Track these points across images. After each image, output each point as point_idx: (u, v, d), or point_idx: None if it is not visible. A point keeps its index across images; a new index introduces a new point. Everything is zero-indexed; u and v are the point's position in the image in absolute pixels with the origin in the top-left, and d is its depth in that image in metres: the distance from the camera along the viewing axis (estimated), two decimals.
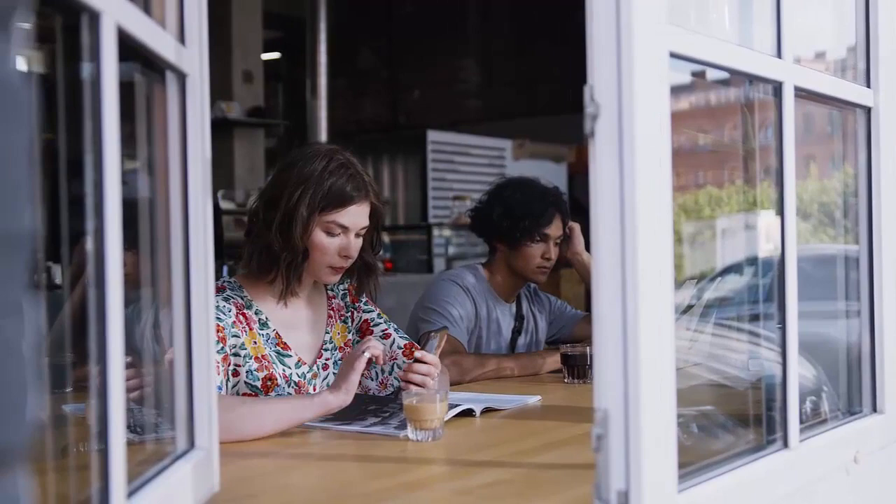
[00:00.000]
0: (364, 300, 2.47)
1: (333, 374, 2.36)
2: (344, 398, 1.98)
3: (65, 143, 1.13)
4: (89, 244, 1.03)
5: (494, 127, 9.01)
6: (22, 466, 0.60)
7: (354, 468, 1.77)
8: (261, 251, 2.25)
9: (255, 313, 2.27)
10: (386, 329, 2.45)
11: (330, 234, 2.24)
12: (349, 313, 2.46)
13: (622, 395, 1.19)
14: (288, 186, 2.21)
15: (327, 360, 2.37)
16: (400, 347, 2.40)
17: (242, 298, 2.27)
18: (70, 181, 1.12)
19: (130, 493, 1.11)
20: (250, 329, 2.24)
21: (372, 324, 2.45)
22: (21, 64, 0.61)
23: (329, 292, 2.45)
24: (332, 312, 2.42)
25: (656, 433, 1.21)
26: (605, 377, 1.20)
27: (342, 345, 2.41)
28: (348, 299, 2.46)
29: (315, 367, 2.33)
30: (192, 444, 1.40)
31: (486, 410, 2.24)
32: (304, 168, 2.22)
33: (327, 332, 2.39)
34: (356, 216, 2.25)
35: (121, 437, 1.04)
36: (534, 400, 2.41)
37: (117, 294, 1.04)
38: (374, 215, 2.31)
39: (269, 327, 2.27)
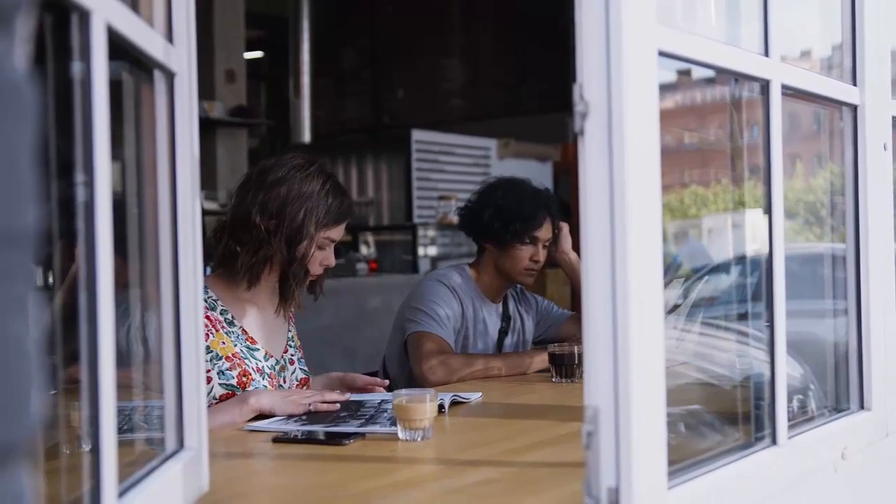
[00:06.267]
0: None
1: (300, 368, 2.49)
2: (271, 405, 2.14)
3: (52, 143, 1.12)
4: (79, 245, 1.03)
5: (479, 126, 9.01)
6: (26, 463, 0.61)
7: (344, 468, 1.76)
8: (262, 262, 2.32)
9: (221, 313, 2.34)
10: (300, 355, 2.55)
11: (320, 248, 2.36)
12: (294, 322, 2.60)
13: (612, 393, 1.19)
14: (289, 203, 2.30)
15: (292, 355, 2.49)
16: (297, 380, 2.49)
17: (207, 300, 2.31)
18: (57, 181, 1.11)
19: (121, 493, 1.10)
20: (217, 330, 2.30)
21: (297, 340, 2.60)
22: (24, 63, 0.61)
23: None
24: (291, 315, 2.54)
25: (647, 430, 1.21)
26: (595, 375, 1.20)
27: (299, 345, 2.55)
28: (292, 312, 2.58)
29: (283, 361, 2.44)
30: (181, 444, 1.40)
31: (454, 403, 2.28)
32: (302, 186, 2.32)
33: (290, 331, 2.52)
34: (342, 231, 2.42)
35: (112, 438, 1.04)
36: (476, 396, 2.42)
37: (108, 294, 1.03)
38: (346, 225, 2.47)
39: (235, 325, 2.35)
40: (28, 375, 0.59)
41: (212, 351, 2.26)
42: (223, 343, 2.30)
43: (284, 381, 2.42)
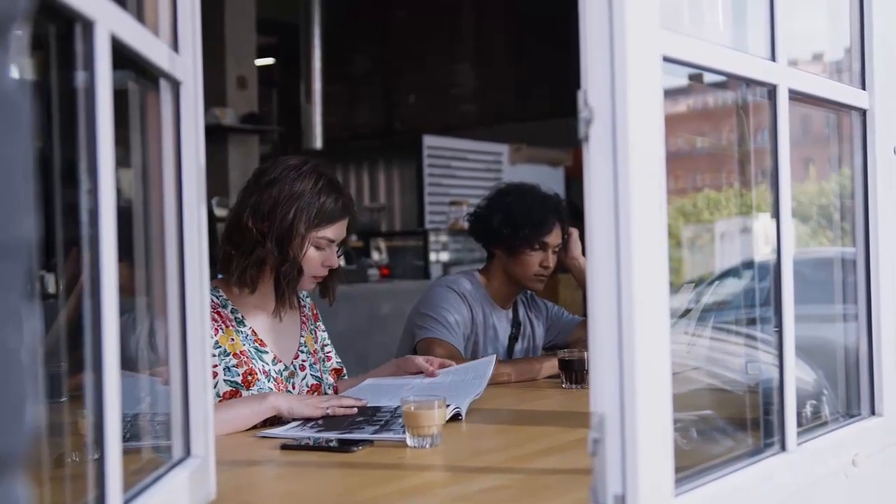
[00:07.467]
0: (319, 321, 2.62)
1: (311, 374, 2.47)
2: (289, 407, 2.14)
3: (57, 151, 1.13)
4: (84, 253, 1.03)
5: (490, 131, 9.01)
6: (21, 473, 0.61)
7: (353, 475, 1.76)
8: (255, 264, 2.32)
9: (232, 312, 2.36)
10: (331, 352, 2.62)
11: (318, 248, 2.36)
12: (315, 326, 2.58)
13: (618, 399, 1.19)
14: (280, 204, 2.30)
15: (303, 361, 2.48)
16: (307, 386, 2.49)
17: (218, 298, 2.35)
18: (63, 189, 1.12)
19: (127, 501, 1.11)
20: (227, 327, 2.32)
21: (326, 344, 2.61)
22: (19, 73, 0.61)
23: (300, 301, 2.54)
24: (304, 319, 2.54)
25: (653, 437, 1.20)
26: (601, 381, 1.20)
27: (313, 350, 2.52)
28: (311, 314, 2.59)
29: (293, 367, 2.43)
30: (188, 452, 1.40)
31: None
32: (293, 186, 2.32)
33: (302, 336, 2.50)
34: (341, 230, 2.40)
35: (117, 445, 1.04)
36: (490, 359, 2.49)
37: (112, 302, 1.03)
38: (350, 225, 2.45)
39: (245, 325, 2.36)
40: (23, 387, 0.60)
41: (220, 346, 2.27)
42: (232, 340, 2.30)
43: (294, 387, 2.41)
